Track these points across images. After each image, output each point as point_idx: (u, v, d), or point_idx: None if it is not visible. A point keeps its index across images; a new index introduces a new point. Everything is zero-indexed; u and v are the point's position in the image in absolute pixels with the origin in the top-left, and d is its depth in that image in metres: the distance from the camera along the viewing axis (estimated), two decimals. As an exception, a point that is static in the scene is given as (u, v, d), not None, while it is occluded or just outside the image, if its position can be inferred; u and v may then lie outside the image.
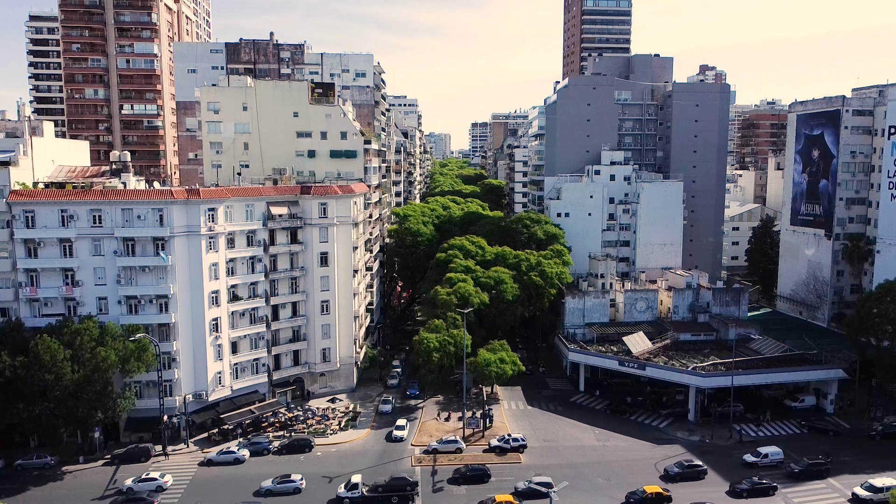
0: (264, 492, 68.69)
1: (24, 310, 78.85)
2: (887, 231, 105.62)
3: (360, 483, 68.26)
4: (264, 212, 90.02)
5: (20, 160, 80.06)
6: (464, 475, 71.79)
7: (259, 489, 69.18)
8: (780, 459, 75.07)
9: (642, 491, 66.50)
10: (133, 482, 69.72)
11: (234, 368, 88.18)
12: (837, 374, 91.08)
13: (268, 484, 69.43)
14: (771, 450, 75.91)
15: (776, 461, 74.89)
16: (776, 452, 75.55)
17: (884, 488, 65.16)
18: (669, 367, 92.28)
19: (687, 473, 71.82)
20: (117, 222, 79.15)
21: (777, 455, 75.34)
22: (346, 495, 67.19)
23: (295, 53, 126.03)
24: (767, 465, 74.46)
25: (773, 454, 75.32)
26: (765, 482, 68.97)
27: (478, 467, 72.90)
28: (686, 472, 72.02)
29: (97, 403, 74.04)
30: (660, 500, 65.74)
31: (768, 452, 75.34)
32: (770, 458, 74.97)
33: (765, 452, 75.42)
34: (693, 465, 73.13)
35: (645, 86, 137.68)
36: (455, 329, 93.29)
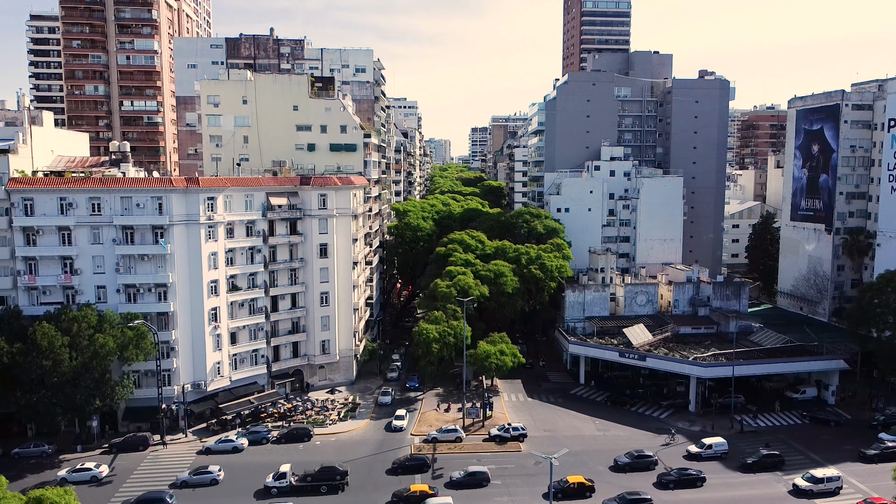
0: (180, 483, 67.47)
1: (23, 298, 78.56)
2: (887, 224, 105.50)
3: (289, 472, 67.13)
4: (263, 202, 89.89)
5: (19, 148, 79.91)
6: (402, 465, 70.89)
7: (175, 481, 67.99)
8: (724, 451, 74.08)
9: (564, 480, 65.22)
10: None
11: (233, 359, 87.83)
12: (839, 364, 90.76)
13: (184, 475, 68.40)
14: (715, 441, 75.01)
15: (720, 452, 73.89)
16: (720, 444, 74.59)
17: (824, 479, 64.79)
18: (670, 358, 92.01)
19: (636, 464, 70.91)
20: (116, 210, 79.00)
21: (721, 446, 74.34)
22: (273, 485, 66.10)
23: (295, 49, 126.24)
24: (711, 456, 73.40)
25: (717, 445, 74.35)
26: (692, 473, 67.60)
27: (419, 457, 72.14)
28: (635, 462, 71.11)
29: (95, 391, 73.72)
30: (582, 490, 64.54)
31: (712, 444, 74.37)
32: (714, 449, 73.97)
33: (709, 444, 74.42)
34: (643, 455, 72.11)
35: (644, 82, 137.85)
36: (455, 321, 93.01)
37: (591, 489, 64.92)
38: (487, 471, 68.29)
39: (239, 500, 65.16)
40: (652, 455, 72.44)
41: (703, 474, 68.23)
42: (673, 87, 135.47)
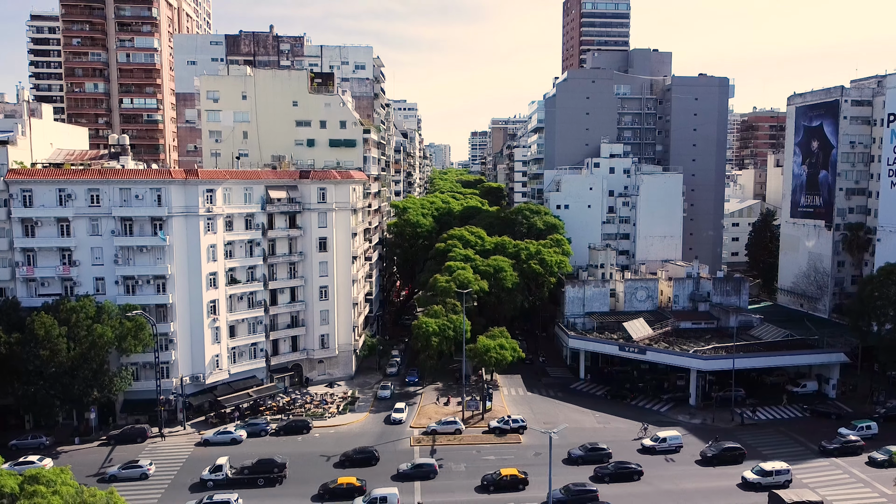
0: (108, 477, 66.52)
1: (21, 289, 78.36)
2: (887, 219, 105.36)
3: (226, 465, 66.27)
4: (263, 195, 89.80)
5: (18, 140, 79.92)
6: (350, 458, 69.90)
7: (103, 475, 67.08)
8: (678, 444, 73.36)
9: (497, 473, 64.56)
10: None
11: (232, 353, 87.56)
12: (839, 357, 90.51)
13: (113, 470, 67.48)
14: (670, 434, 74.30)
15: (675, 446, 73.21)
16: (674, 437, 73.81)
17: (773, 472, 64.24)
18: (670, 351, 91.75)
19: (589, 457, 70.00)
20: (115, 202, 78.87)
21: (676, 440, 73.59)
22: (209, 478, 65.06)
23: (294, 46, 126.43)
24: (665, 449, 72.75)
25: (671, 438, 73.58)
26: (630, 466, 66.98)
27: (367, 450, 71.05)
28: (588, 455, 70.28)
29: (93, 381, 73.53)
30: (515, 483, 63.67)
31: (666, 437, 73.63)
32: (668, 442, 73.24)
33: (663, 437, 73.72)
34: (597, 448, 71.40)
35: (644, 80, 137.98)
36: (454, 314, 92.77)
37: (524, 482, 63.86)
38: (435, 463, 67.55)
39: (173, 492, 64.37)
40: (606, 448, 71.28)
41: (641, 468, 67.07)
42: (672, 85, 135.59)
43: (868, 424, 77.15)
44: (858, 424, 77.18)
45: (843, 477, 67.34)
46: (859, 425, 76.97)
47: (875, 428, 76.85)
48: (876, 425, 77.42)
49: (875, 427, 76.96)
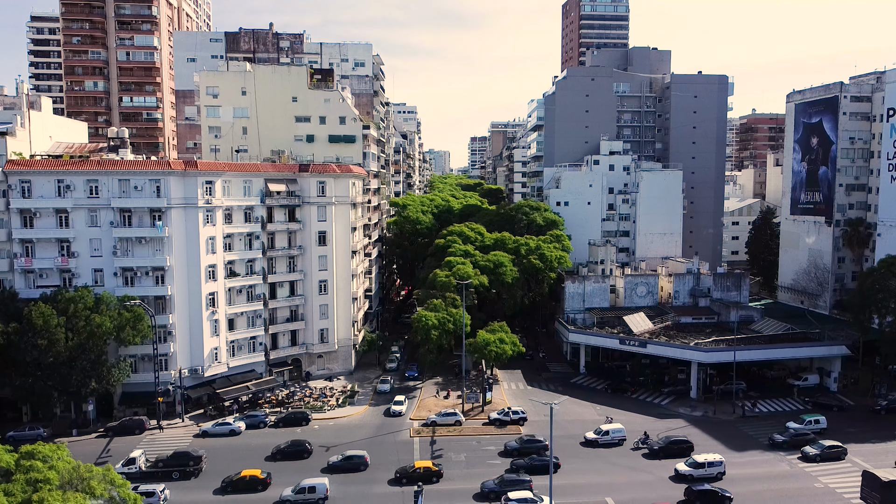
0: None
1: (19, 281, 78.00)
2: (888, 213, 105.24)
3: (140, 458, 65.20)
4: (262, 188, 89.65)
5: (17, 131, 79.84)
6: (282, 451, 69.07)
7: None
8: (622, 437, 72.56)
9: (411, 465, 63.96)
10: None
11: (231, 346, 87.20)
12: (841, 350, 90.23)
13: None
14: (613, 427, 73.45)
15: (618, 438, 72.42)
16: (618, 430, 72.93)
17: (705, 464, 63.52)
18: (671, 344, 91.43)
19: (525, 449, 69.03)
20: (114, 193, 78.69)
21: (619, 433, 72.72)
22: (122, 471, 62.80)
23: (294, 43, 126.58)
24: (608, 442, 72.00)
25: (614, 431, 72.75)
26: (545, 460, 65.38)
27: (299, 443, 69.79)
28: (524, 447, 69.34)
29: (91, 372, 73.23)
30: (428, 475, 62.87)
31: (609, 430, 72.81)
32: (611, 435, 72.40)
33: (606, 430, 72.91)
34: (533, 440, 70.37)
35: (643, 78, 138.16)
36: (454, 308, 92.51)
37: (437, 474, 63.09)
38: (366, 455, 66.62)
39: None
40: (542, 440, 70.28)
41: (559, 460, 65.70)
42: (672, 83, 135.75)
43: (816, 418, 76.06)
44: (806, 418, 76.20)
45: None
46: (807, 419, 75.97)
47: (824, 422, 75.68)
48: (825, 419, 76.23)
49: (824, 421, 75.78)
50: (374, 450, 70.81)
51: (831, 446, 68.41)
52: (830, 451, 68.00)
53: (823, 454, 67.58)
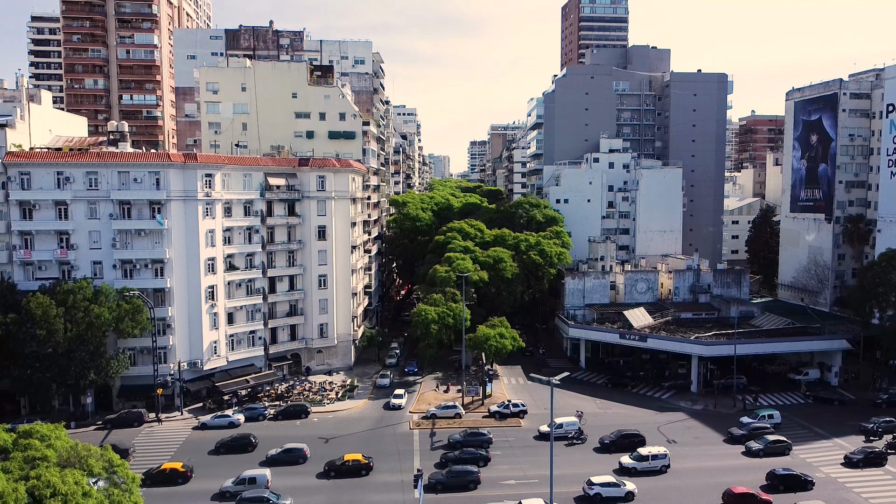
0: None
1: (18, 273, 77.78)
2: (887, 209, 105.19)
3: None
4: (262, 182, 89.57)
5: (17, 123, 79.73)
6: (226, 444, 68.25)
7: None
8: (575, 430, 71.87)
9: (340, 458, 63.13)
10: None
11: (230, 340, 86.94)
12: (841, 344, 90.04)
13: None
14: (566, 420, 72.82)
15: (572, 431, 71.74)
16: (571, 423, 72.34)
17: (649, 456, 63.07)
18: (671, 338, 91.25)
19: (469, 441, 68.15)
20: (113, 185, 78.55)
21: (572, 426, 72.13)
22: None
23: (294, 40, 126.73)
24: (561, 435, 71.19)
25: (567, 425, 72.09)
26: (477, 453, 64.67)
27: (243, 436, 69.18)
28: (468, 440, 68.52)
29: (90, 363, 73.07)
30: (357, 468, 62.12)
31: (563, 423, 72.10)
32: (564, 428, 71.67)
33: (559, 423, 72.22)
34: (477, 433, 69.67)
35: (643, 76, 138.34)
36: (454, 303, 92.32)
37: (367, 467, 62.46)
38: (305, 448, 65.83)
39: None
40: (486, 433, 69.76)
41: (489, 454, 65.10)
42: (671, 81, 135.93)
43: (771, 413, 75.45)
44: (760, 413, 75.59)
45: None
46: (761, 414, 75.35)
47: (778, 417, 74.99)
48: (779, 414, 75.59)
49: (778, 416, 75.12)
50: (374, 442, 70.67)
51: (775, 441, 67.54)
52: (774, 446, 67.14)
53: (767, 449, 66.78)
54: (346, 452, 65.10)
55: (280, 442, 69.08)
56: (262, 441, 70.02)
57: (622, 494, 56.74)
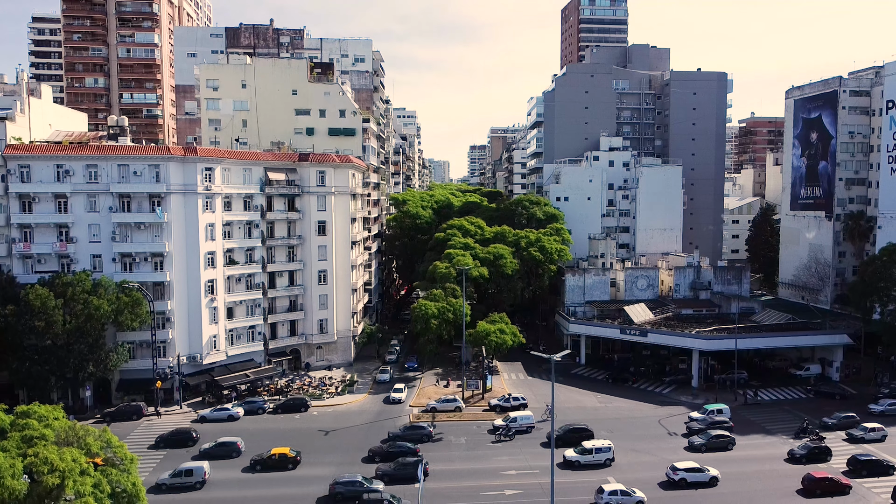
0: None
1: (17, 266, 77.61)
2: (888, 205, 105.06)
3: None
4: (262, 177, 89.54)
5: (17, 117, 79.72)
6: (165, 439, 67.77)
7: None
8: (530, 424, 71.17)
9: (268, 452, 62.51)
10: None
11: (230, 334, 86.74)
12: (842, 339, 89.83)
13: None
14: (521, 414, 72.27)
15: (526, 425, 71.11)
16: (525, 417, 71.75)
17: (593, 450, 62.49)
18: (672, 332, 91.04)
19: (409, 436, 67.93)
20: (113, 178, 78.47)
21: (527, 420, 71.44)
22: None
23: (294, 38, 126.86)
24: (516, 429, 70.68)
25: (521, 418, 71.52)
26: (404, 447, 63.94)
27: (184, 431, 68.68)
28: (407, 434, 68.38)
29: (89, 356, 72.85)
30: (284, 462, 61.57)
31: (517, 417, 71.67)
32: (519, 422, 71.12)
33: (514, 416, 71.83)
34: (417, 426, 69.37)
35: (642, 75, 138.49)
36: (454, 298, 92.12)
37: (293, 461, 61.85)
38: (238, 441, 65.23)
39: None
40: (425, 426, 69.43)
41: (415, 447, 64.17)
42: (671, 79, 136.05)
43: (720, 408, 74.72)
44: (708, 408, 74.85)
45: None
46: (709, 409, 74.59)
47: (727, 412, 74.25)
48: (728, 409, 74.87)
49: (727, 411, 74.40)
50: (374, 435, 70.35)
51: (717, 436, 66.84)
52: (717, 440, 66.43)
53: (709, 444, 66.05)
54: (273, 447, 63.75)
55: (278, 435, 68.99)
56: (260, 434, 69.75)
57: (707, 479, 57.63)
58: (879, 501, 55.79)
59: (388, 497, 53.08)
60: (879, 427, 69.28)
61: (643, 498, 54.49)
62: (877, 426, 69.34)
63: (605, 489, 54.79)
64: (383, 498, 52.48)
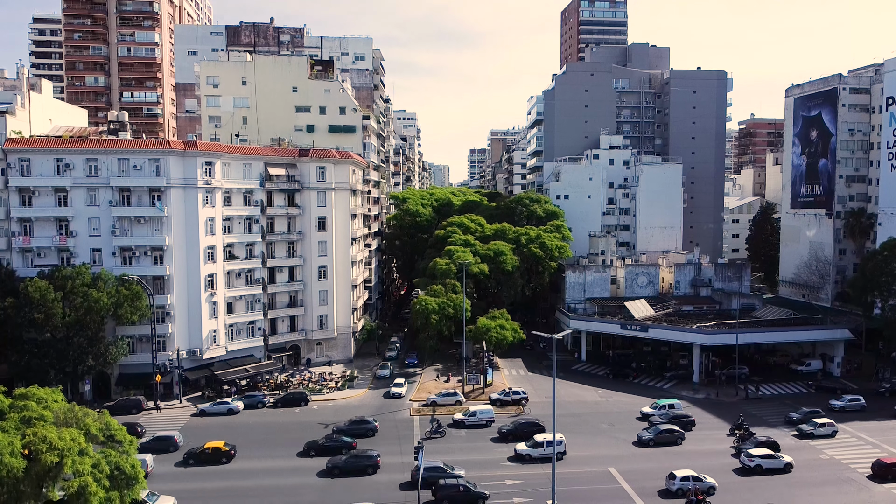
0: None
1: (17, 260, 77.40)
2: (888, 202, 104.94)
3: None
4: (262, 172, 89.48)
5: (17, 111, 79.72)
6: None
7: None
8: (490, 418, 70.73)
9: (201, 446, 61.64)
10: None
11: (230, 330, 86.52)
12: (843, 334, 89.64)
13: None
14: (480, 408, 72.00)
15: (485, 420, 70.65)
16: (485, 411, 71.44)
17: (543, 443, 61.62)
18: (672, 327, 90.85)
19: (354, 430, 67.13)
20: (113, 172, 78.41)
21: (486, 414, 71.14)
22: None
23: (295, 36, 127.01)
24: (475, 423, 70.35)
25: (481, 413, 71.19)
26: (341, 441, 63.19)
27: (130, 425, 66.85)
28: (352, 428, 67.57)
29: (89, 349, 72.63)
30: (218, 456, 60.95)
31: (476, 411, 71.29)
32: (478, 416, 70.74)
33: (473, 410, 71.45)
34: (362, 420, 68.78)
35: (642, 74, 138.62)
36: (454, 294, 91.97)
37: (227, 455, 61.27)
38: (175, 436, 64.74)
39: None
40: (371, 420, 68.94)
41: (353, 441, 63.51)
42: (671, 78, 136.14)
43: (671, 403, 74.11)
44: (660, 403, 74.12)
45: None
46: (660, 404, 73.90)
47: (679, 406, 73.63)
48: (680, 404, 74.29)
49: (679, 406, 73.76)
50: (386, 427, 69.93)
51: (665, 430, 66.32)
52: (665, 435, 65.86)
53: (657, 439, 65.44)
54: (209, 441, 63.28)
55: (277, 428, 68.82)
56: (259, 428, 69.59)
57: (781, 465, 58.64)
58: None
59: (465, 482, 53.20)
60: (830, 423, 68.53)
61: (714, 484, 54.53)
62: (828, 422, 68.55)
63: (677, 475, 54.74)
64: (460, 483, 52.80)
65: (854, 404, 76.25)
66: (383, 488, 55.41)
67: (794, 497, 54.27)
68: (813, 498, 54.14)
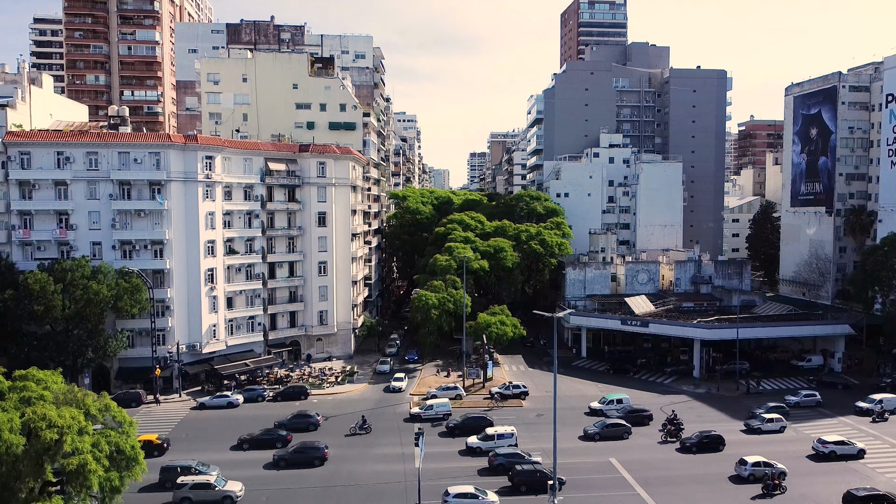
0: None
1: (17, 253, 77.35)
2: (888, 199, 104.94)
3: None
4: (262, 167, 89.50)
5: (18, 104, 79.67)
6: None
7: None
8: (447, 412, 70.64)
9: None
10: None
11: (230, 324, 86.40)
12: (844, 329, 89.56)
13: None
14: (437, 402, 71.70)
15: (442, 413, 70.52)
16: (442, 405, 71.20)
17: (495, 436, 61.71)
18: (673, 322, 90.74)
19: (296, 424, 66.43)
20: (113, 165, 78.39)
21: (443, 407, 71.01)
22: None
23: (295, 35, 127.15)
24: (431, 417, 70.07)
25: (438, 406, 70.96)
26: (277, 434, 62.76)
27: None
28: (294, 422, 66.76)
29: (88, 342, 72.49)
30: (149, 449, 58.50)
31: (433, 405, 71.11)
32: (435, 410, 70.62)
33: (430, 404, 71.30)
34: (304, 415, 68.11)
35: (642, 73, 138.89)
36: (454, 290, 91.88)
37: (159, 448, 60.63)
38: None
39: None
40: (313, 415, 68.40)
41: (289, 435, 63.04)
42: (671, 77, 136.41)
43: (619, 398, 73.79)
44: (608, 398, 73.89)
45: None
46: (609, 399, 73.69)
47: (627, 402, 73.26)
48: (629, 399, 74.01)
49: (627, 401, 73.39)
50: (374, 421, 69.56)
51: (612, 425, 65.90)
52: (611, 430, 65.44)
53: (603, 433, 64.92)
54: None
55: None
56: (258, 420, 69.16)
57: (855, 452, 60.08)
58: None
59: (542, 468, 54.15)
60: (779, 418, 67.96)
61: (785, 469, 54.64)
62: (776, 417, 67.94)
63: (748, 461, 55.20)
64: (536, 469, 53.91)
65: (809, 400, 75.79)
66: (384, 477, 55.26)
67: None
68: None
